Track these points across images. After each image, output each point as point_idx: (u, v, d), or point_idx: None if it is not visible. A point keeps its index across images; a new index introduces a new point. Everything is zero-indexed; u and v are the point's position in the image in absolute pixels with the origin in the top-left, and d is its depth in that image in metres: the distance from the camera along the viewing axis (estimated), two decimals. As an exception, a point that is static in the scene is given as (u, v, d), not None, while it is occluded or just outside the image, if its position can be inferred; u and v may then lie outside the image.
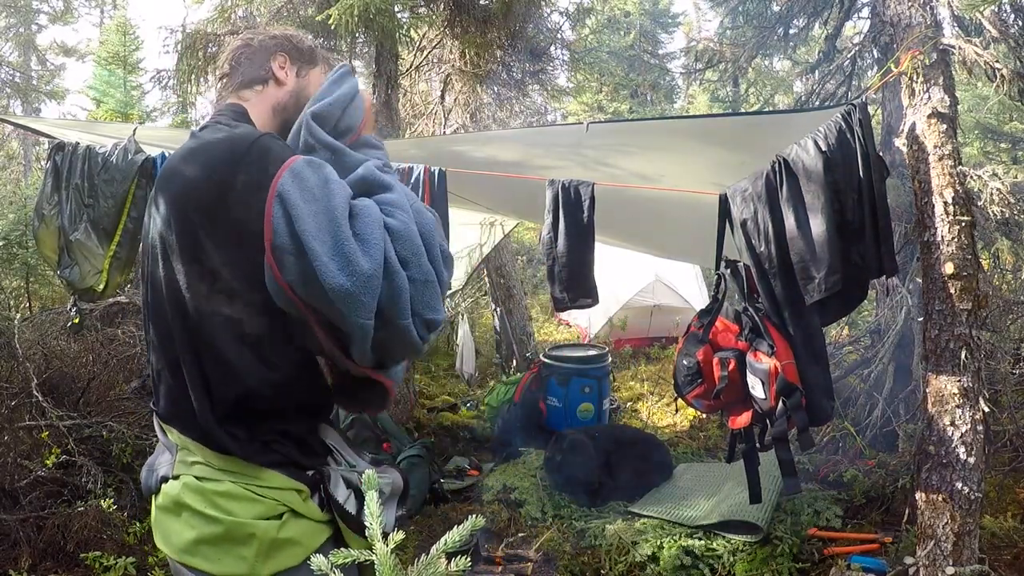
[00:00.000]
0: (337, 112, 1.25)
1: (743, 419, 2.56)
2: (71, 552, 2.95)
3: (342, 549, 0.68)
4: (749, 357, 2.37)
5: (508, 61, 5.85)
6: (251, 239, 1.10)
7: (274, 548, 1.14)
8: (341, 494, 1.22)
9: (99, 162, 2.85)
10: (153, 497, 1.26)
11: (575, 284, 2.89)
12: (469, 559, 0.70)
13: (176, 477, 1.20)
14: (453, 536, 0.67)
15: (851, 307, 2.41)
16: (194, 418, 1.17)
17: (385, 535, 0.73)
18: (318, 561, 0.66)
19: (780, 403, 2.28)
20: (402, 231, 1.11)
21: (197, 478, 1.17)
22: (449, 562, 0.68)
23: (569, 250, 2.86)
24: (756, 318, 2.39)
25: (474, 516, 0.71)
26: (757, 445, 2.60)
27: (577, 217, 2.87)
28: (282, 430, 1.19)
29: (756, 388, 2.35)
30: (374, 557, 0.63)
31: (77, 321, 3.76)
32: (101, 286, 2.90)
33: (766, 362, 2.29)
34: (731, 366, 2.43)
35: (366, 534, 1.17)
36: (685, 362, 2.56)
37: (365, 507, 0.69)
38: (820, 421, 2.41)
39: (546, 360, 5.13)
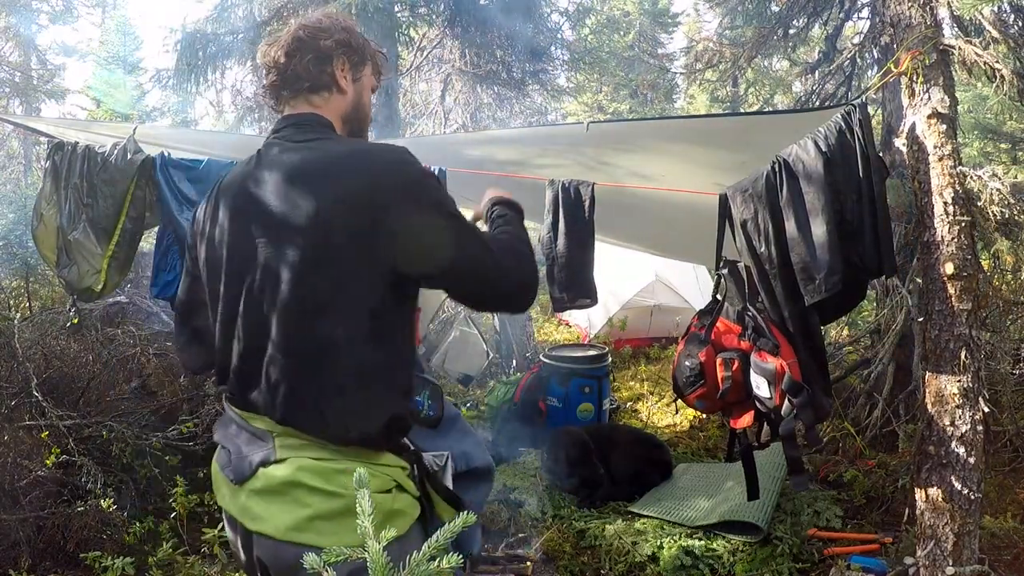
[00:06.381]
0: None
1: (745, 419, 2.55)
2: (71, 552, 2.95)
3: (335, 548, 0.69)
4: (754, 357, 2.36)
5: (508, 61, 5.85)
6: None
7: (388, 519, 1.23)
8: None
9: (98, 162, 2.84)
10: (237, 484, 1.27)
11: (574, 284, 2.88)
12: (462, 557, 0.70)
13: (280, 460, 1.23)
14: (444, 533, 0.67)
15: (850, 307, 2.41)
16: (301, 408, 1.23)
17: None
18: (310, 560, 0.66)
19: (787, 402, 2.28)
20: None
21: (314, 458, 1.22)
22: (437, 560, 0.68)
23: (568, 250, 2.86)
24: (758, 318, 2.38)
25: (464, 513, 0.72)
26: (755, 444, 2.60)
27: (577, 217, 2.87)
28: (391, 415, 1.27)
29: (760, 388, 2.34)
30: (366, 555, 0.63)
31: (76, 321, 3.76)
32: (99, 286, 2.90)
33: (772, 362, 2.29)
34: (735, 366, 2.42)
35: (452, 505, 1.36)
36: (688, 363, 2.55)
37: (362, 502, 0.69)
38: (819, 419, 2.41)
39: (546, 360, 5.12)
